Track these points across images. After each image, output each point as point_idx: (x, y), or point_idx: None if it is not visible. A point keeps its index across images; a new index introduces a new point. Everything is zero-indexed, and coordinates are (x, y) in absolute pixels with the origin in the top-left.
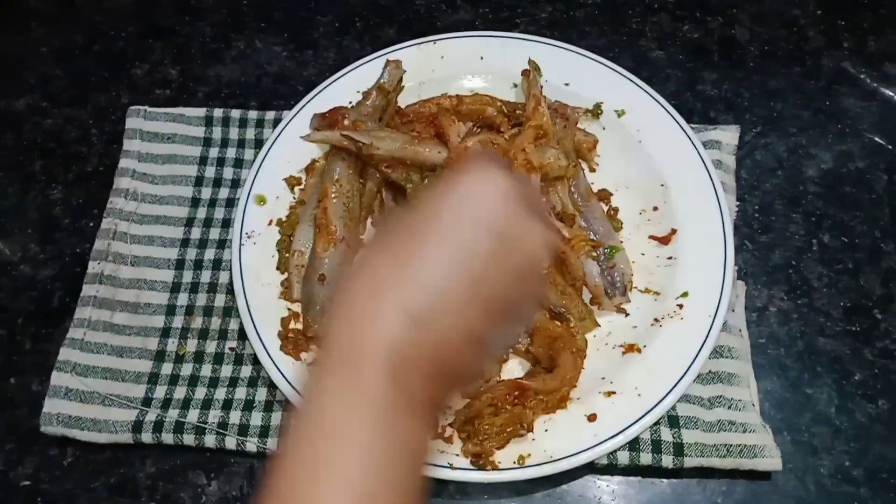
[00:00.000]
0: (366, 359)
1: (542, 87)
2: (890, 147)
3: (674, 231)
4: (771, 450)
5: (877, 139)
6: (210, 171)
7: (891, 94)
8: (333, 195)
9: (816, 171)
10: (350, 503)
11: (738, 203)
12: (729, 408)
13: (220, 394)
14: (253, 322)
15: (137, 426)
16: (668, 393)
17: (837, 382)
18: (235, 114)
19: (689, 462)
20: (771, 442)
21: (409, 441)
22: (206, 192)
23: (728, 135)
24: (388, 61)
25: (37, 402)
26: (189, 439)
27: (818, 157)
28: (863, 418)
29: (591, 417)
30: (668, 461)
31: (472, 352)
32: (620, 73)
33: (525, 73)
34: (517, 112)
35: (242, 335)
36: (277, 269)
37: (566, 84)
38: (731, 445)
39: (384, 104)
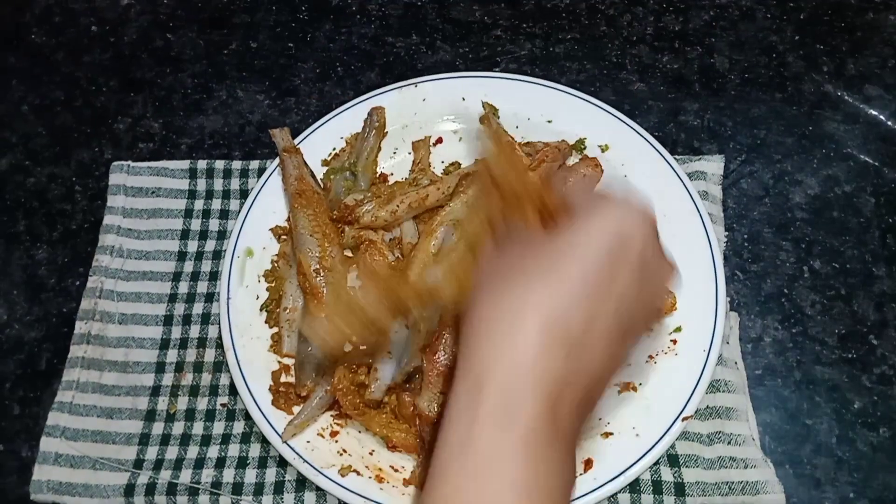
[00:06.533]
0: (525, 392)
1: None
2: (876, 165)
3: None
4: (773, 485)
5: (863, 158)
6: (196, 224)
7: (874, 113)
8: (313, 266)
9: (803, 197)
10: None
11: (726, 233)
12: (729, 443)
13: (213, 452)
14: (243, 377)
15: (129, 489)
16: (667, 431)
17: (837, 412)
18: (219, 164)
19: (692, 502)
20: (773, 477)
21: (563, 472)
22: (192, 246)
23: (713, 165)
24: (370, 112)
25: (26, 468)
26: (182, 501)
27: (804, 182)
28: (864, 447)
29: (590, 460)
30: (669, 502)
31: (610, 379)
32: (602, 108)
33: (483, 119)
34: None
35: (234, 390)
36: (266, 322)
37: (549, 121)
38: (733, 482)
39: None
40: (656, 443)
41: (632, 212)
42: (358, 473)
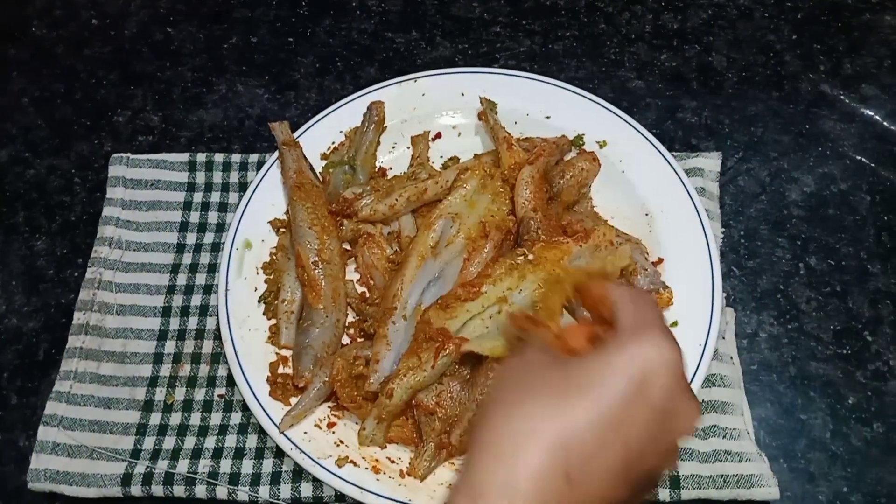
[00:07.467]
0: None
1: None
2: (872, 165)
3: (660, 260)
4: (767, 478)
5: (859, 157)
6: (194, 217)
7: (870, 113)
8: (312, 258)
9: (799, 195)
10: None
11: (723, 229)
12: (724, 437)
13: (210, 442)
14: (241, 368)
15: (126, 479)
16: None
17: (831, 407)
18: (219, 158)
19: (686, 494)
20: (767, 470)
21: None
22: (190, 238)
23: (710, 162)
24: (369, 106)
25: (23, 458)
26: (179, 490)
27: (800, 180)
28: (858, 442)
29: None
30: (664, 494)
31: None
32: (601, 105)
33: (482, 115)
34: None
35: (231, 381)
36: (264, 314)
37: (547, 117)
38: (728, 476)
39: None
40: None
41: (660, 351)
42: (354, 464)
